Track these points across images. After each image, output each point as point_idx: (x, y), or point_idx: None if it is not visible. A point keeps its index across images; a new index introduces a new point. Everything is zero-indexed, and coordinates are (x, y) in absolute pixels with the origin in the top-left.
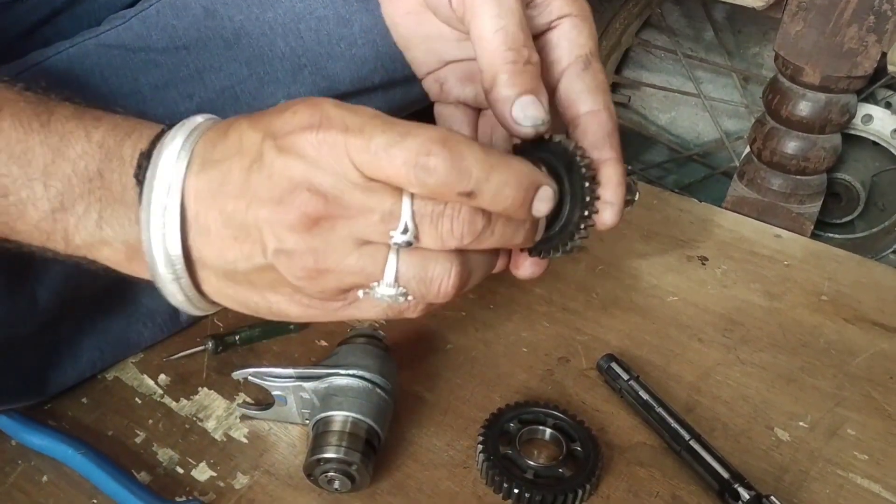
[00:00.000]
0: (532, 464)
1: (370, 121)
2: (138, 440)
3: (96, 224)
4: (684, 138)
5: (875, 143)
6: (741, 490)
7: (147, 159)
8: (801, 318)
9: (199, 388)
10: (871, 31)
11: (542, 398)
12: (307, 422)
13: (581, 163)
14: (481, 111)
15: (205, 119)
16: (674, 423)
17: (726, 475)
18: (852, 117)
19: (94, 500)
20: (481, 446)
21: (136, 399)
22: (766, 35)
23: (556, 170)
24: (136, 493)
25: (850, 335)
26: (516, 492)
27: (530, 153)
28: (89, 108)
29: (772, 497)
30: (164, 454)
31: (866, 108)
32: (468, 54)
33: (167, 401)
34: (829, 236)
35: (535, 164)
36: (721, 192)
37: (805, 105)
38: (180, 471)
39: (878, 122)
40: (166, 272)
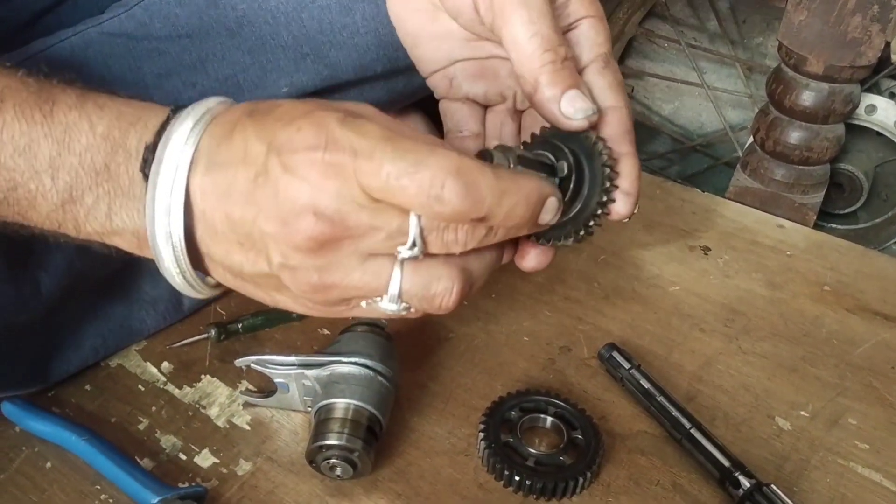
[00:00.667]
0: (533, 451)
1: (379, 144)
2: (141, 427)
3: (106, 215)
4: (687, 128)
5: (878, 134)
6: (742, 478)
7: (152, 152)
8: (804, 307)
9: (202, 376)
10: (874, 20)
11: (543, 387)
12: (309, 409)
13: (603, 151)
14: (488, 108)
15: (217, 103)
16: (675, 412)
17: (727, 463)
18: (856, 107)
19: (98, 486)
20: (483, 434)
21: (139, 386)
22: (769, 25)
23: (578, 157)
24: (139, 479)
25: (852, 325)
26: (517, 479)
27: (554, 140)
28: (92, 94)
29: (772, 485)
30: (168, 441)
31: (870, 98)
32: (477, 54)
33: (170, 388)
34: (832, 227)
35: (558, 151)
36: (724, 182)
37: (808, 95)
38: (183, 457)
39: (881, 112)
40: (172, 266)
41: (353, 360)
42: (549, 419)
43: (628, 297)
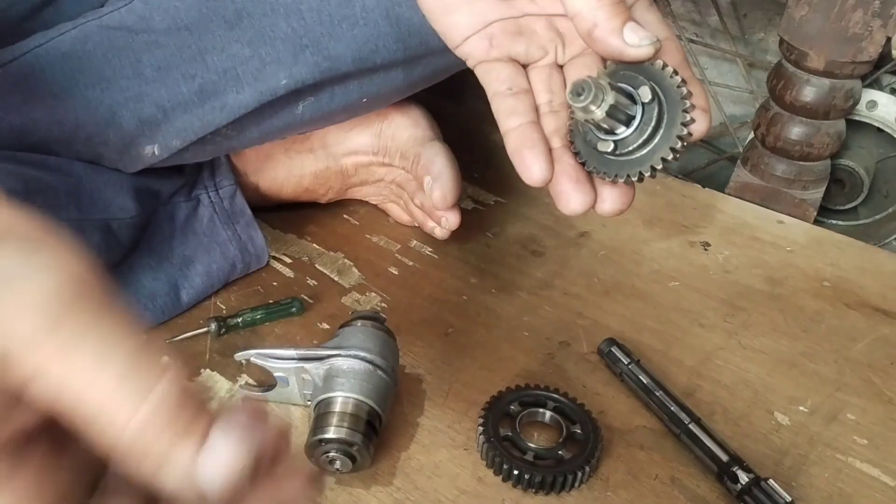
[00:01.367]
0: (532, 446)
1: None
2: None
3: None
4: None
5: (879, 130)
6: (740, 473)
7: None
8: (803, 303)
9: (202, 370)
10: (876, 15)
11: (542, 381)
12: (309, 403)
13: (675, 76)
14: (528, 67)
15: None
16: (674, 407)
17: (725, 458)
18: (857, 103)
19: None
20: (482, 428)
21: None
22: (771, 20)
23: (653, 86)
24: None
25: (852, 321)
26: (516, 473)
27: (625, 72)
28: None
29: (770, 480)
30: None
31: (871, 94)
32: (511, 13)
33: None
34: (833, 223)
35: (632, 80)
36: (725, 177)
37: (809, 90)
38: None
39: (882, 108)
40: None
41: (352, 353)
42: (549, 413)
43: (628, 293)
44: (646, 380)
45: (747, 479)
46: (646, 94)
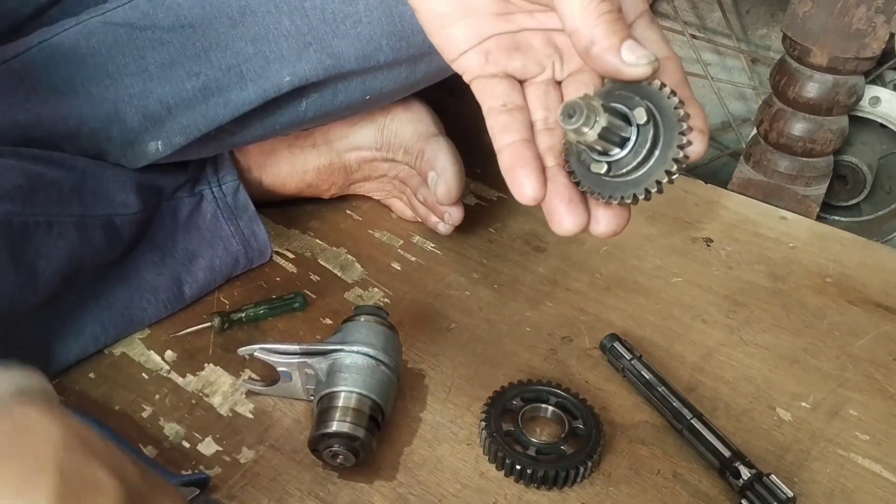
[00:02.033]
0: (534, 441)
1: None
2: (145, 415)
3: None
4: None
5: (882, 126)
6: (742, 468)
7: None
8: (806, 299)
9: (206, 364)
10: (879, 11)
11: (545, 377)
12: (312, 397)
13: (673, 96)
14: (524, 83)
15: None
16: (676, 402)
17: (727, 454)
18: (860, 99)
19: None
20: (484, 423)
21: (142, 374)
22: (773, 16)
23: (649, 107)
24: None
25: (854, 317)
26: (518, 468)
27: (621, 91)
28: None
29: (772, 476)
30: (171, 429)
31: (874, 90)
32: (509, 27)
33: (174, 376)
34: (835, 219)
35: (628, 100)
36: (727, 173)
37: (812, 86)
38: (186, 445)
39: (885, 104)
40: None
41: (355, 349)
42: (551, 409)
43: (630, 288)
44: (648, 375)
45: (749, 475)
46: (641, 115)
